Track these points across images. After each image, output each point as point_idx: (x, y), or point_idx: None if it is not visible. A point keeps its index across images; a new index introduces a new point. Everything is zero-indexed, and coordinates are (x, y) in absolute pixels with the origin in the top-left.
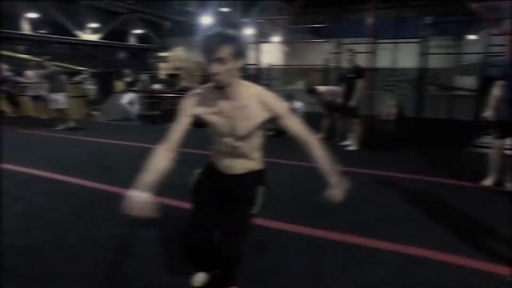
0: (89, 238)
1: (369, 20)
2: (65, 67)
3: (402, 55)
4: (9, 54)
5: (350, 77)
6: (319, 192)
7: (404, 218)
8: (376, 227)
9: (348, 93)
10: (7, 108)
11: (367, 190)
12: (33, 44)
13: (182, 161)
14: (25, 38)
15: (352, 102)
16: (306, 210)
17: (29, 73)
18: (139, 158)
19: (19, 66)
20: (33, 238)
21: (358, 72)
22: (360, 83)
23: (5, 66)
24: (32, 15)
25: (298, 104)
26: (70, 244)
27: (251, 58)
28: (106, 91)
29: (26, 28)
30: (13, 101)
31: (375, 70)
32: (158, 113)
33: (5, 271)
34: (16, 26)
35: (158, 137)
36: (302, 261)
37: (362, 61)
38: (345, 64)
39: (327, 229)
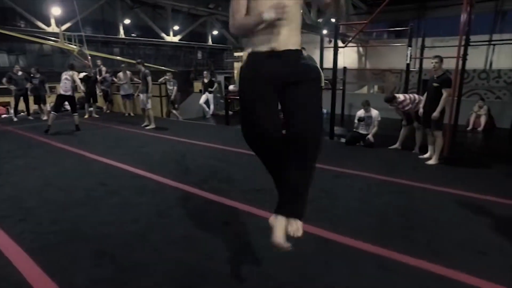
0: (169, 236)
1: (462, 15)
2: (153, 67)
3: (499, 55)
4: (108, 56)
5: (435, 86)
6: (393, 207)
7: (490, 250)
8: (455, 255)
9: (432, 103)
10: (103, 105)
11: (447, 212)
12: (124, 47)
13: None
14: (119, 42)
15: (435, 114)
16: (379, 227)
17: (121, 74)
18: (214, 161)
19: (112, 67)
20: (123, 230)
21: (445, 81)
22: (445, 92)
23: (104, 68)
24: (126, 21)
25: (374, 112)
26: (153, 240)
27: (327, 60)
28: (185, 90)
29: (121, 33)
30: (108, 99)
31: (464, 72)
32: (231, 114)
33: (104, 256)
34: (114, 32)
35: (229, 139)
36: (370, 283)
37: (449, 62)
38: (428, 67)
39: (399, 251)
